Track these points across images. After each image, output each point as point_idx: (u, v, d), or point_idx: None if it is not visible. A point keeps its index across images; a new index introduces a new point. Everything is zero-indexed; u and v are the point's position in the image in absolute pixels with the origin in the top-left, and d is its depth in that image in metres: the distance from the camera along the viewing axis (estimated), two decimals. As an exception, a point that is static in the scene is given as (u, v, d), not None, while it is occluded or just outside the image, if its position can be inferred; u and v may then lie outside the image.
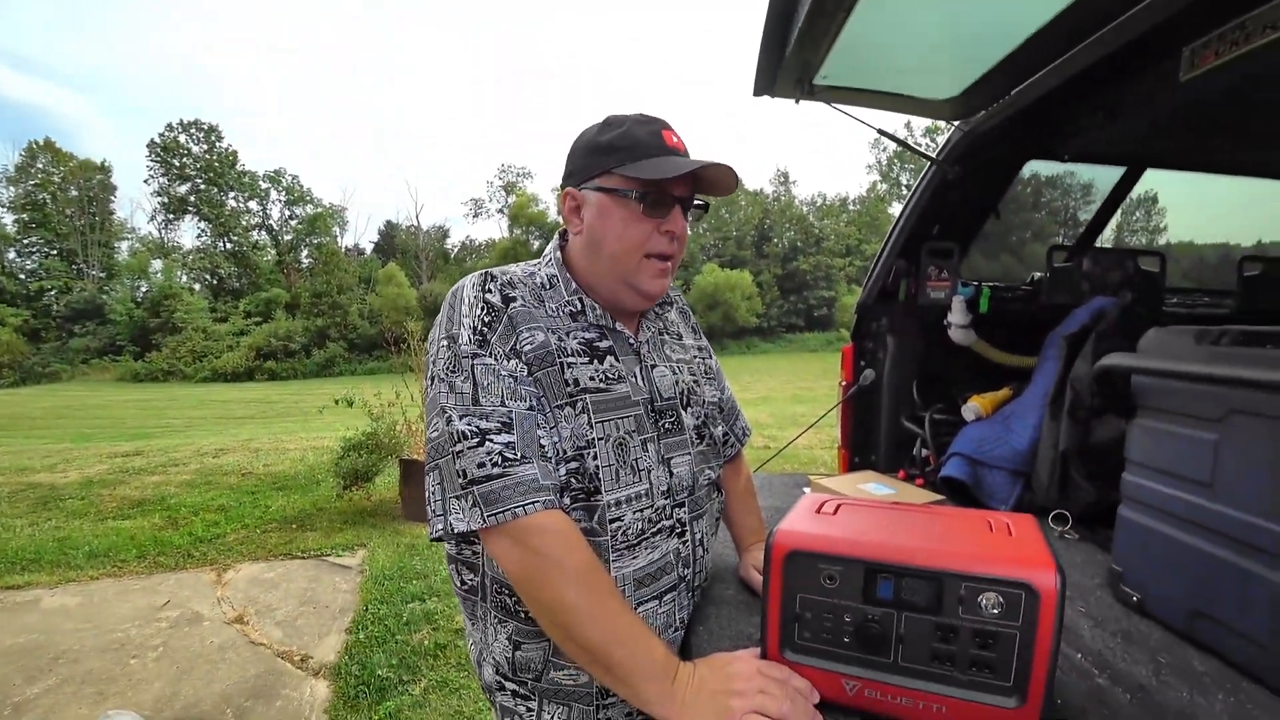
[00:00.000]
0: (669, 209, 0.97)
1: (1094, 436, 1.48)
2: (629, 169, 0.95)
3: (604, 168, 0.97)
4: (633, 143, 0.96)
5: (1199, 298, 2.54)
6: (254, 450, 8.38)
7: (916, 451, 1.96)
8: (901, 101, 1.79)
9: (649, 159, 0.94)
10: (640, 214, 0.96)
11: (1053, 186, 3.74)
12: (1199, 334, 1.00)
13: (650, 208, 0.96)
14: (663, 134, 0.97)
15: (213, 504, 5.63)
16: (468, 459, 0.85)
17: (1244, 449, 0.91)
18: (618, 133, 0.97)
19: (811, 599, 0.78)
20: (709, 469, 1.10)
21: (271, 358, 33.14)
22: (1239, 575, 0.90)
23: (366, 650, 3.06)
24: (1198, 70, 1.28)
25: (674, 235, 0.99)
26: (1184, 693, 0.85)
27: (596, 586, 0.83)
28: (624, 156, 0.95)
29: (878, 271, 2.12)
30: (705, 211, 1.04)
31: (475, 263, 46.57)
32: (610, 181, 0.97)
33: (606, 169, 0.97)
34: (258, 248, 45.88)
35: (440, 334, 0.95)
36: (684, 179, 0.97)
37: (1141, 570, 1.08)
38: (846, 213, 47.99)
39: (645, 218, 0.96)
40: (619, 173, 0.95)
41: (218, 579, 4.00)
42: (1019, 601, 0.68)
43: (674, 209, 0.98)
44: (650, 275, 0.99)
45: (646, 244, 0.97)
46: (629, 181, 0.95)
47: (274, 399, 18.82)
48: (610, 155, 0.96)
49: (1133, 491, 1.10)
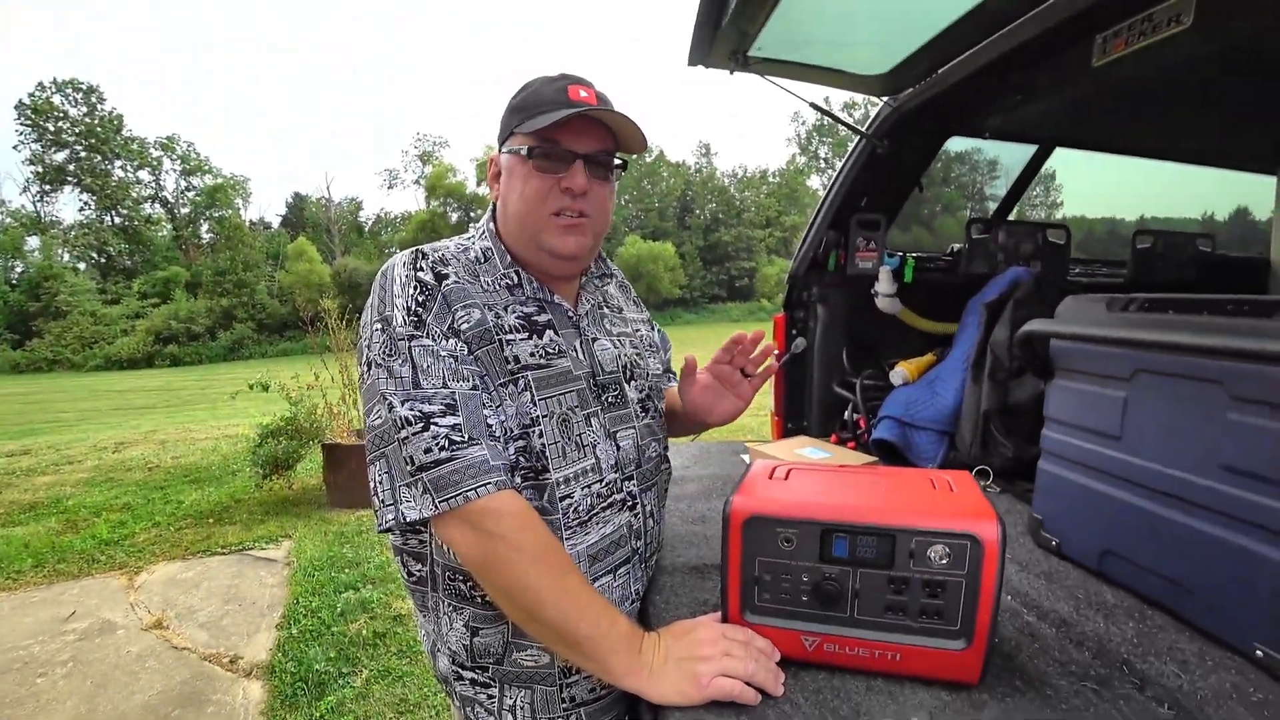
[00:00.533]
0: (566, 164, 0.94)
1: (1012, 397, 1.59)
2: (524, 126, 0.93)
3: (510, 129, 0.96)
4: (535, 100, 0.94)
5: (1098, 268, 2.75)
6: (159, 442, 7.86)
7: (848, 416, 2.04)
8: (833, 76, 1.83)
9: (543, 114, 0.92)
10: (534, 170, 0.94)
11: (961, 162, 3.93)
12: (1110, 301, 1.09)
13: (542, 161, 0.93)
14: (568, 89, 0.93)
15: (116, 503, 5.26)
16: (414, 445, 0.83)
17: (1148, 404, 1.00)
18: (526, 93, 0.96)
19: (770, 562, 0.81)
20: (655, 441, 1.10)
21: (173, 341, 30.87)
22: (1145, 517, 1.00)
23: (301, 645, 2.95)
24: (1109, 57, 1.37)
25: (574, 191, 0.94)
26: (1100, 623, 0.94)
27: (555, 565, 0.83)
28: (524, 115, 0.94)
29: (808, 242, 2.18)
30: (623, 169, 1.02)
31: (391, 236, 44.72)
32: (513, 142, 0.96)
33: (511, 130, 0.96)
34: (151, 222, 42.17)
35: (373, 317, 0.90)
36: (591, 136, 0.94)
37: (1059, 518, 1.18)
38: (767, 185, 48.86)
39: (541, 174, 0.94)
40: (518, 131, 0.94)
41: (129, 583, 3.75)
42: (965, 552, 0.73)
43: (574, 164, 0.94)
44: (555, 233, 0.96)
45: (547, 201, 0.95)
46: (524, 139, 0.94)
47: (178, 386, 17.59)
48: (515, 115, 0.95)
49: (1051, 446, 1.19)
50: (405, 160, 59.15)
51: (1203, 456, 0.91)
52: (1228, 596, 0.87)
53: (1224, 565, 0.88)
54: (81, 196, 40.78)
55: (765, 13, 1.43)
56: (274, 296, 34.30)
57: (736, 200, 46.13)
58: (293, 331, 30.74)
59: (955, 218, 3.85)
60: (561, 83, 0.95)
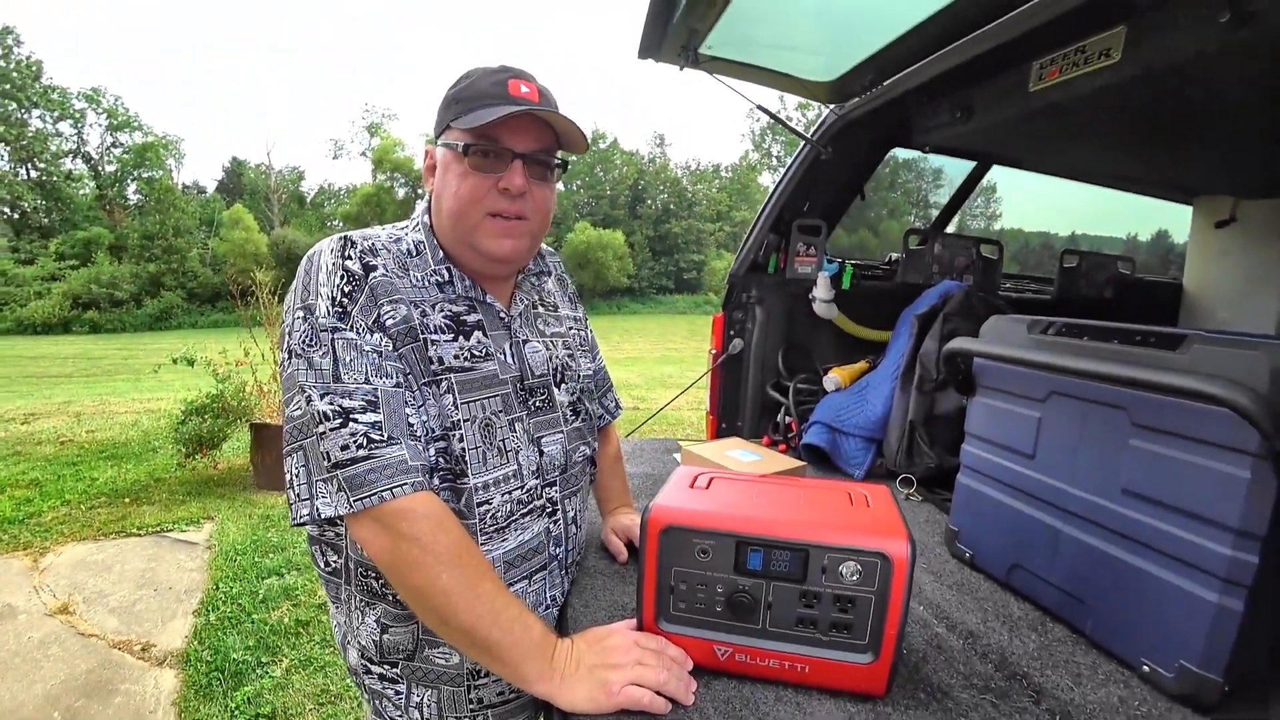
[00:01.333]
0: (504, 163, 0.91)
1: (938, 408, 1.64)
2: (461, 121, 0.89)
3: (446, 122, 0.92)
4: (474, 94, 0.90)
5: (1027, 284, 2.86)
6: (74, 414, 7.40)
7: (780, 419, 2.08)
8: (781, 79, 1.84)
9: (481, 109, 0.88)
10: (469, 168, 0.90)
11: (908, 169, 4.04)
12: (1031, 323, 1.13)
13: (478, 158, 0.90)
14: (509, 83, 0.90)
15: (23, 478, 4.93)
16: (331, 441, 0.80)
17: (1060, 425, 1.05)
18: (465, 84, 0.92)
19: (685, 571, 0.81)
20: (584, 445, 1.09)
21: (93, 307, 28.96)
22: (1051, 534, 1.04)
23: (219, 633, 2.83)
24: (1044, 83, 1.43)
25: (512, 192, 0.91)
26: (1004, 635, 0.98)
27: (469, 568, 0.81)
28: (462, 109, 0.90)
29: (750, 244, 2.20)
30: (564, 169, 1.00)
31: (334, 209, 43.07)
32: (449, 136, 0.92)
33: (447, 123, 0.92)
34: (72, 179, 39.31)
35: (295, 303, 0.86)
36: (530, 134, 0.91)
37: (973, 530, 1.22)
38: (719, 179, 49.16)
39: (477, 172, 0.90)
40: (455, 125, 0.90)
41: (34, 565, 3.53)
42: (875, 569, 0.75)
43: (512, 164, 0.91)
44: (490, 235, 0.93)
45: (484, 201, 0.91)
46: (460, 134, 0.90)
47: (97, 355, 16.57)
48: (452, 108, 0.92)
49: (970, 460, 1.23)
50: (352, 131, 56.99)
51: (1106, 479, 0.96)
52: (1120, 613, 0.92)
53: (1119, 584, 0.92)
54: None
55: (716, 12, 1.42)
56: (206, 265, 32.60)
57: (689, 193, 46.23)
58: (225, 302, 29.24)
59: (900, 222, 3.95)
60: (501, 75, 0.91)
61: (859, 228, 2.76)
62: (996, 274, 2.36)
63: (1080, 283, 2.67)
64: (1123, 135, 1.86)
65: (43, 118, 38.81)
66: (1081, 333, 1.04)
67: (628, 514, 1.26)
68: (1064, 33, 1.35)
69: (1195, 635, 0.81)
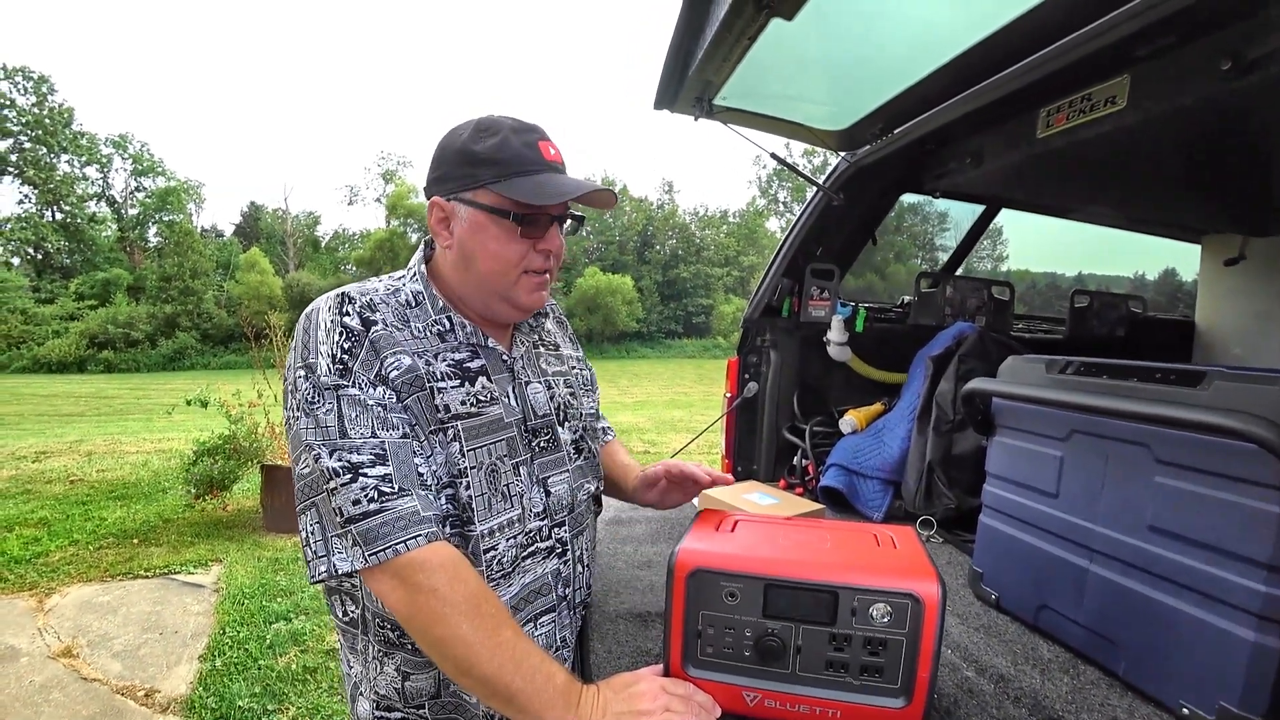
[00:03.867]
0: (544, 227, 0.95)
1: (955, 449, 1.63)
2: (506, 186, 0.90)
3: (478, 181, 0.91)
4: (510, 155, 0.91)
5: (1038, 324, 2.87)
6: (85, 453, 7.42)
7: (797, 462, 2.07)
8: (794, 128, 1.89)
9: (526, 176, 0.91)
10: (517, 235, 0.93)
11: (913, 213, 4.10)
12: (1049, 363, 1.14)
13: (528, 228, 0.93)
14: (540, 145, 0.93)
15: (31, 517, 4.92)
16: (342, 496, 0.81)
17: (1083, 464, 1.05)
18: (493, 142, 0.91)
19: (713, 615, 0.80)
20: (588, 483, 1.09)
21: (109, 347, 29.34)
22: (1078, 573, 1.03)
23: (224, 679, 2.78)
24: (1052, 130, 1.47)
25: (551, 253, 0.97)
26: (1036, 678, 0.96)
27: (489, 617, 0.80)
28: (500, 171, 0.90)
29: (764, 288, 2.23)
30: (581, 224, 1.03)
31: (349, 253, 43.84)
32: (485, 198, 0.92)
33: (481, 183, 0.91)
34: (96, 221, 40.34)
35: (296, 361, 0.87)
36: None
37: (999, 571, 1.20)
38: (727, 224, 49.83)
39: (521, 239, 0.94)
40: (496, 190, 0.90)
41: (38, 606, 3.50)
42: (906, 610, 0.74)
43: (551, 227, 0.95)
44: (528, 290, 0.97)
45: (523, 261, 0.95)
46: (505, 200, 0.91)
47: (111, 394, 16.71)
48: (486, 168, 0.91)
49: (992, 501, 1.23)
50: (367, 178, 58.47)
51: (1132, 516, 0.95)
52: (1155, 654, 0.91)
53: (1151, 623, 0.91)
54: (21, 189, 38.76)
55: (731, 64, 1.48)
56: (222, 306, 33.10)
57: (696, 238, 46.85)
58: (238, 344, 29.58)
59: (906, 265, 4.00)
60: (530, 137, 0.93)
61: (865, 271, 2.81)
62: (1008, 315, 2.38)
63: (1092, 322, 2.68)
64: (1130, 177, 1.89)
65: (70, 162, 40.07)
66: (1100, 371, 1.05)
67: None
68: (1069, 81, 1.40)
69: (1234, 675, 0.79)
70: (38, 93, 38.69)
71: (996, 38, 1.32)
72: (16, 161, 38.09)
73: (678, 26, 1.40)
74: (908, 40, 1.45)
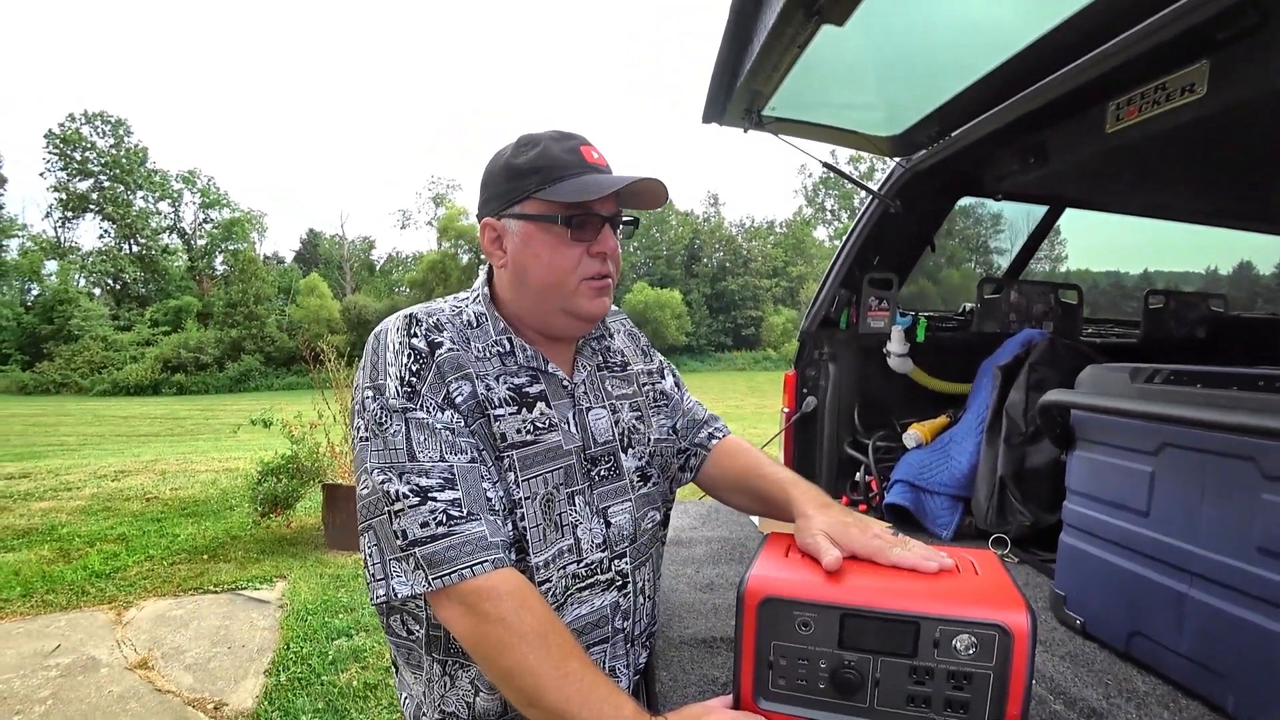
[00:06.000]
0: (598, 230, 0.92)
1: (1028, 462, 1.55)
2: (549, 192, 0.89)
3: (524, 193, 0.90)
4: (551, 162, 0.90)
5: (1110, 328, 2.73)
6: (159, 472, 7.79)
7: (860, 477, 2.00)
8: (846, 136, 1.85)
9: (570, 179, 0.89)
10: (567, 239, 0.90)
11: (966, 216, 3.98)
12: (1133, 372, 1.06)
13: (577, 230, 0.90)
14: (581, 150, 0.92)
15: (111, 533, 5.18)
16: (408, 519, 0.80)
17: (1177, 480, 0.97)
18: (534, 153, 0.91)
19: (785, 645, 0.77)
20: (654, 510, 1.06)
21: (181, 370, 30.98)
22: (1174, 597, 0.95)
23: (288, 694, 2.85)
24: (1122, 124, 1.39)
25: (606, 255, 0.93)
26: (1132, 713, 0.89)
27: (557, 647, 0.79)
28: (543, 178, 0.89)
29: (820, 300, 2.18)
30: (635, 227, 1.00)
31: (402, 275, 45.26)
32: (531, 207, 0.91)
33: (526, 194, 0.90)
34: (168, 252, 42.90)
35: (364, 382, 0.88)
36: (610, 199, 0.92)
37: (1084, 595, 1.13)
38: (773, 235, 49.45)
39: (573, 242, 0.91)
40: (540, 196, 0.89)
41: (117, 618, 3.66)
42: (993, 642, 0.69)
43: (603, 229, 0.92)
44: (589, 298, 0.94)
45: (578, 269, 0.92)
46: (552, 205, 0.90)
47: (183, 415, 17.59)
48: (529, 178, 0.90)
49: (1074, 519, 1.15)
50: (419, 202, 60.35)
51: (1236, 537, 0.88)
52: (1267, 686, 0.83)
53: (1263, 653, 0.83)
54: (102, 224, 41.62)
55: (780, 74, 1.45)
56: (283, 330, 34.56)
57: (744, 250, 46.63)
58: (300, 366, 30.81)
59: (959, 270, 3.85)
60: (572, 143, 0.93)
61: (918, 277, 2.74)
62: (1077, 320, 2.26)
63: (1169, 324, 2.53)
64: (1210, 169, 1.79)
65: (145, 198, 42.77)
66: (1193, 380, 0.98)
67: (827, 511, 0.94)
68: (1141, 71, 1.32)
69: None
70: (115, 135, 41.56)
71: (1059, 31, 1.26)
72: (97, 199, 40.89)
73: (725, 38, 1.39)
74: (964, 39, 1.39)
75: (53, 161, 40.70)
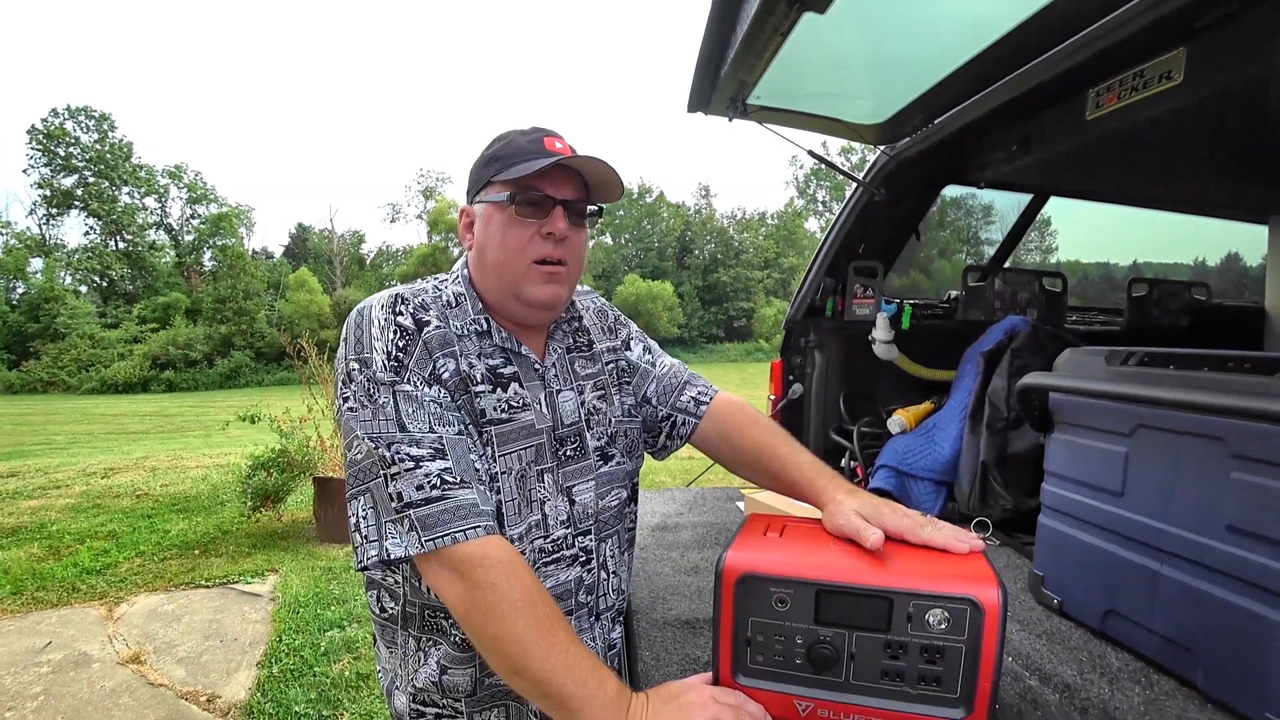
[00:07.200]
0: (547, 210, 0.94)
1: (1010, 448, 1.57)
2: (503, 175, 0.93)
3: (485, 179, 0.96)
4: (511, 151, 0.95)
5: (1094, 315, 2.76)
6: (149, 469, 7.76)
7: (845, 464, 2.02)
8: (830, 124, 1.86)
9: (523, 163, 0.93)
10: (514, 217, 0.94)
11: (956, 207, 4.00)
12: (1109, 355, 1.08)
13: (522, 208, 0.93)
14: (544, 140, 0.95)
15: (102, 530, 5.16)
16: (404, 481, 0.82)
17: (1150, 460, 0.99)
18: (501, 144, 0.97)
19: (763, 622, 0.78)
20: (618, 488, 1.08)
21: (170, 367, 30.76)
22: (1148, 577, 0.97)
23: (281, 685, 2.86)
24: (1102, 110, 1.40)
25: (555, 236, 0.95)
26: (1104, 688, 0.91)
27: (545, 617, 0.80)
28: (502, 165, 0.94)
29: (805, 289, 2.19)
30: (599, 216, 1.03)
31: (392, 269, 45.04)
32: (490, 191, 0.96)
33: (488, 179, 0.96)
34: (155, 248, 42.34)
35: (349, 355, 0.89)
36: (569, 184, 0.96)
37: (1061, 575, 1.15)
38: (765, 226, 49.43)
39: (521, 221, 0.94)
40: (496, 180, 0.94)
41: (108, 614, 3.66)
42: (964, 616, 0.71)
43: (554, 210, 0.95)
44: (536, 282, 0.95)
45: (528, 249, 0.94)
46: (504, 186, 0.94)
47: (172, 412, 17.48)
48: (491, 165, 0.96)
49: (1052, 501, 1.17)
50: (408, 195, 60.00)
51: (1206, 515, 0.90)
52: (1236, 662, 0.85)
53: (1231, 629, 0.85)
54: (87, 221, 40.99)
55: (764, 63, 1.45)
56: (273, 325, 34.31)
57: (735, 241, 46.58)
58: (290, 361, 30.71)
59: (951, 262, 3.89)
60: (535, 135, 0.97)
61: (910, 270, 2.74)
62: (1062, 307, 2.29)
63: (1152, 311, 2.55)
64: (1189, 158, 1.80)
65: (131, 194, 42.21)
66: (1166, 361, 0.99)
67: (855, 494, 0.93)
68: (1120, 59, 1.34)
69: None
70: (99, 130, 40.95)
71: (1039, 18, 1.27)
72: (82, 195, 40.32)
73: (708, 27, 1.39)
74: (946, 27, 1.40)
75: (36, 157, 40.13)
